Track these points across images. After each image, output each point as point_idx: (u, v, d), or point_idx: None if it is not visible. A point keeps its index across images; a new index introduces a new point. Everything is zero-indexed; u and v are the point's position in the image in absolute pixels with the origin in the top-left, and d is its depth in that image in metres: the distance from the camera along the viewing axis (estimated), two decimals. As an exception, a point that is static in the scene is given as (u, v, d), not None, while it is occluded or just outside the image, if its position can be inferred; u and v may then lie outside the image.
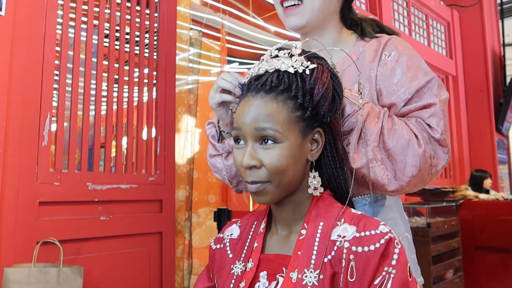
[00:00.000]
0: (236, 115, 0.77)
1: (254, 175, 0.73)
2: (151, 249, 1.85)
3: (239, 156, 0.76)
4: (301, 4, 0.99)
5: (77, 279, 1.41)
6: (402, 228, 1.03)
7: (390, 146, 0.85)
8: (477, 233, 3.27)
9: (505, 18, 5.29)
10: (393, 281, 0.65)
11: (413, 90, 0.91)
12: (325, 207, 0.77)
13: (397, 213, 1.03)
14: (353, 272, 0.67)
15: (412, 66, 0.94)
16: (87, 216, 1.63)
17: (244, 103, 0.76)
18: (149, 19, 1.98)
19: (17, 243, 1.42)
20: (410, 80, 0.92)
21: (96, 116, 1.73)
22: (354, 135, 0.85)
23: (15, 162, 1.44)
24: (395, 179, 0.86)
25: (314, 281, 0.68)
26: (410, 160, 0.85)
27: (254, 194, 0.76)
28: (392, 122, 0.87)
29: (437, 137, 0.88)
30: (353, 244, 0.68)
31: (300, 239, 0.74)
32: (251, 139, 0.74)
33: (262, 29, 3.93)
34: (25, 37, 1.50)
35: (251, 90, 0.76)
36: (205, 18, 3.28)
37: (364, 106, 0.86)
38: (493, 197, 3.86)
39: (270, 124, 0.72)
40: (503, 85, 5.04)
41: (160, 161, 1.92)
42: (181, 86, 2.59)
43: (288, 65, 0.77)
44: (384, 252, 0.67)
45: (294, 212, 0.79)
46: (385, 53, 0.98)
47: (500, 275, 3.16)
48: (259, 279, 0.76)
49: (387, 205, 1.02)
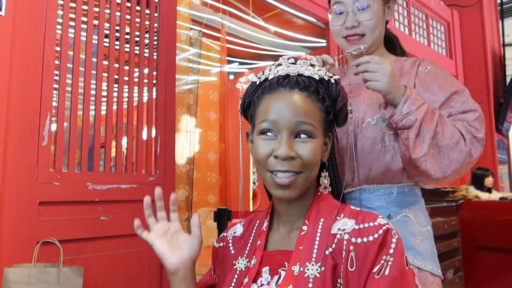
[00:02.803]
0: (267, 107, 0.79)
1: (289, 165, 0.76)
2: (151, 249, 1.84)
3: (267, 146, 0.78)
4: (363, 36, 1.13)
5: (77, 279, 1.41)
6: (425, 221, 1.11)
7: (442, 144, 0.98)
8: (477, 233, 3.26)
9: (505, 18, 5.29)
10: (391, 268, 0.69)
11: (449, 93, 1.05)
12: (325, 205, 0.82)
13: (420, 208, 1.13)
14: (353, 262, 0.71)
15: (447, 78, 1.11)
16: (87, 216, 1.63)
17: (277, 97, 0.79)
18: (149, 19, 1.98)
19: (17, 243, 1.42)
20: (444, 87, 1.07)
21: (96, 116, 1.73)
22: (413, 131, 0.97)
23: (15, 162, 1.44)
24: (441, 171, 0.99)
25: (316, 273, 0.71)
26: (457, 157, 0.99)
27: (283, 188, 0.78)
28: (445, 124, 1.00)
29: (480, 136, 1.02)
30: (352, 236, 0.73)
31: (302, 234, 0.78)
32: (287, 131, 0.77)
33: (262, 29, 3.93)
34: (25, 37, 1.50)
35: (284, 86, 0.79)
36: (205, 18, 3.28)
37: (422, 106, 0.98)
38: (494, 197, 3.86)
39: (309, 119, 0.77)
40: (503, 85, 5.04)
41: (160, 161, 1.92)
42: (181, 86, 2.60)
43: (312, 72, 0.82)
44: (382, 242, 0.71)
45: (299, 210, 0.83)
46: (422, 66, 1.13)
47: (500, 275, 3.16)
48: (262, 274, 0.79)
49: (413, 199, 1.11)
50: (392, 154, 1.06)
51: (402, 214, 1.08)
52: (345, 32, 1.13)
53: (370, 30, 1.12)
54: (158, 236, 0.85)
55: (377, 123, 1.05)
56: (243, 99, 0.88)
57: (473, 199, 3.62)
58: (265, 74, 0.84)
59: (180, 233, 0.86)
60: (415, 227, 1.07)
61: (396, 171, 1.07)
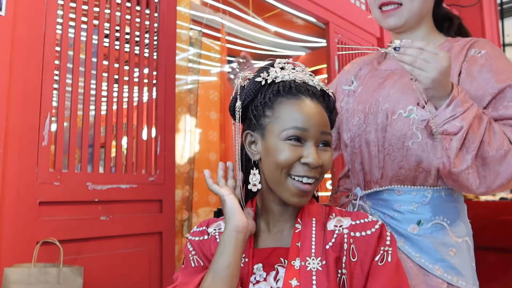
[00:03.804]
0: (293, 113, 0.80)
1: (314, 172, 0.81)
2: (151, 249, 1.85)
3: (294, 152, 0.80)
4: (400, 6, 1.00)
5: (77, 279, 1.41)
6: (464, 230, 1.01)
7: (488, 155, 0.85)
8: (477, 233, 3.25)
9: (505, 18, 5.29)
10: (392, 256, 0.78)
11: (504, 85, 0.90)
12: (313, 207, 0.87)
13: (460, 216, 1.02)
14: (355, 253, 0.78)
15: (506, 65, 0.93)
16: (87, 216, 1.63)
17: (303, 104, 0.81)
18: (149, 19, 1.98)
19: (17, 243, 1.42)
20: (501, 76, 0.90)
21: (96, 116, 1.73)
22: (457, 140, 0.84)
23: (15, 162, 1.44)
24: (485, 186, 0.87)
25: (318, 267, 0.77)
26: (504, 170, 0.85)
27: (301, 196, 0.81)
28: (493, 131, 0.86)
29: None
30: (351, 230, 0.81)
31: (297, 232, 0.82)
32: (313, 140, 0.81)
33: (262, 29, 3.93)
34: (25, 37, 1.50)
35: (303, 93, 0.82)
36: (205, 18, 3.28)
37: (470, 109, 0.84)
38: (493, 198, 3.86)
39: (328, 129, 0.84)
40: (503, 85, 5.04)
41: (160, 161, 1.92)
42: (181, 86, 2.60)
43: (315, 82, 0.85)
44: (380, 235, 0.80)
45: (292, 211, 0.87)
46: (475, 49, 0.98)
47: (500, 275, 3.16)
48: (254, 271, 0.81)
49: (451, 205, 0.99)
50: (425, 151, 0.93)
51: (434, 221, 0.96)
52: (380, 0, 1.01)
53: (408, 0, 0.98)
54: (230, 192, 0.85)
55: (410, 115, 0.94)
56: (242, 98, 0.86)
57: (473, 199, 3.62)
58: (271, 76, 0.84)
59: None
60: (449, 236, 0.97)
61: (430, 172, 0.95)
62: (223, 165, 0.91)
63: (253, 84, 0.85)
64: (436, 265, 0.93)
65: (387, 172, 1.00)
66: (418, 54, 0.83)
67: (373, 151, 1.01)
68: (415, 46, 0.83)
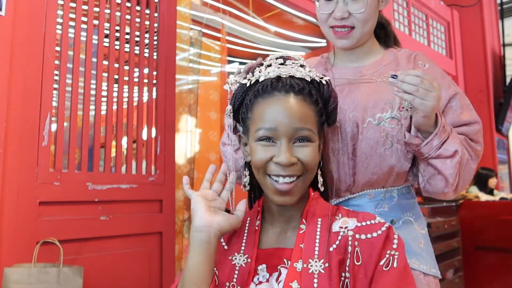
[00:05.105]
0: (263, 113, 0.78)
1: (290, 170, 0.77)
2: (151, 249, 1.85)
3: (266, 152, 0.78)
4: (352, 29, 1.01)
5: (77, 279, 1.41)
6: (424, 222, 1.08)
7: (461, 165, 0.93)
8: (477, 233, 3.26)
9: (505, 18, 5.29)
10: (398, 261, 0.74)
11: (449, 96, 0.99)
12: (319, 206, 0.84)
13: (418, 209, 1.09)
14: (359, 257, 0.75)
15: (444, 77, 1.04)
16: (87, 216, 1.63)
17: (273, 102, 0.78)
18: (149, 19, 1.98)
19: (17, 243, 1.42)
20: (446, 87, 1.00)
21: (96, 116, 1.73)
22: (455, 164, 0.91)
23: (15, 162, 1.44)
24: (453, 190, 0.96)
25: (320, 269, 0.74)
26: (468, 177, 0.97)
27: (283, 195, 0.79)
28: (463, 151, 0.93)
29: (479, 150, 0.99)
30: (356, 233, 0.77)
31: (301, 233, 0.80)
32: (286, 137, 0.77)
33: (262, 29, 3.92)
34: (25, 37, 1.50)
35: (278, 89, 0.79)
36: (205, 18, 3.27)
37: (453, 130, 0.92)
38: (493, 198, 3.86)
39: (306, 124, 0.78)
40: (503, 85, 5.04)
41: (160, 161, 1.92)
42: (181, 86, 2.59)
43: (303, 73, 0.81)
44: (386, 237, 0.76)
45: (296, 210, 0.84)
46: (420, 62, 1.05)
47: (500, 275, 3.16)
48: (258, 272, 0.80)
49: (412, 201, 1.07)
50: (396, 156, 0.98)
51: (404, 218, 1.02)
52: (332, 22, 1.01)
53: (361, 23, 0.99)
54: (201, 195, 0.81)
55: (379, 123, 0.97)
56: (232, 102, 0.86)
57: (473, 199, 3.62)
58: (255, 76, 0.82)
59: (222, 209, 0.83)
60: (416, 230, 1.02)
61: (401, 174, 1.00)
62: (213, 168, 0.87)
63: (240, 87, 0.85)
64: (413, 258, 0.97)
65: (359, 178, 1.00)
66: (419, 83, 0.84)
67: (342, 159, 1.01)
68: (413, 74, 0.85)
